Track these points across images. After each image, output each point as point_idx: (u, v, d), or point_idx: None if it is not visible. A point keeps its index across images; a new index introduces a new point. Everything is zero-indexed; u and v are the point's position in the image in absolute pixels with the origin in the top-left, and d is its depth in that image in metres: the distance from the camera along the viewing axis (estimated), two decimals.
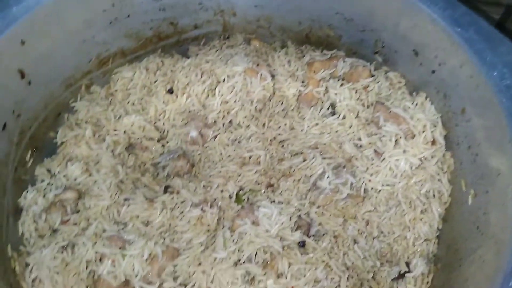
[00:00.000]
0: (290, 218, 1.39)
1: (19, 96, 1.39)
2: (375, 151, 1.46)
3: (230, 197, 1.48)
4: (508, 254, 1.01)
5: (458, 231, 1.31)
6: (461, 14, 1.29)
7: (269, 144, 1.59)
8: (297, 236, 1.37)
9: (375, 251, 1.41)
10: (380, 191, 1.45)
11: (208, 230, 1.41)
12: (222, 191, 1.49)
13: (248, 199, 1.49)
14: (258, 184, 1.52)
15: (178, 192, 1.47)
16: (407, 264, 1.38)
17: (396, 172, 1.43)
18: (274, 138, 1.59)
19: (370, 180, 1.44)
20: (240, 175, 1.53)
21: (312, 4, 1.61)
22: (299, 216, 1.42)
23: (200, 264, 1.34)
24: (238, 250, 1.35)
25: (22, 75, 1.37)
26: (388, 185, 1.44)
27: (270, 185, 1.51)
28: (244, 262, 1.34)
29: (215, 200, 1.46)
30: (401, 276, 1.38)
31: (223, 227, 1.42)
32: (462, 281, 1.17)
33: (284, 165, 1.53)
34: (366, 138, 1.49)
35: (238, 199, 1.48)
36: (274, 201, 1.45)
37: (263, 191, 1.50)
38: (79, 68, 1.59)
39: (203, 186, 1.49)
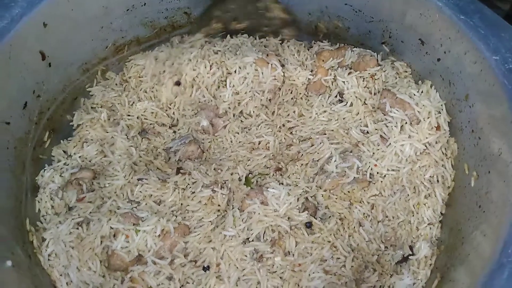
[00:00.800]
0: (298, 199, 1.43)
1: (39, 77, 1.44)
2: (381, 136, 1.50)
3: (240, 179, 1.53)
4: (508, 224, 1.05)
5: (461, 212, 1.34)
6: (466, 3, 1.34)
7: (278, 131, 1.64)
8: (304, 216, 1.41)
9: (379, 234, 1.44)
10: (385, 176, 1.48)
11: (219, 210, 1.45)
12: (232, 174, 1.53)
13: (257, 182, 1.54)
14: (267, 167, 1.57)
15: (189, 174, 1.52)
16: (411, 247, 1.42)
17: (401, 157, 1.47)
18: (283, 125, 1.64)
19: (376, 165, 1.48)
20: (249, 160, 1.58)
21: None
22: (306, 198, 1.46)
23: (210, 241, 1.39)
24: (247, 229, 1.40)
25: (43, 57, 1.43)
26: (393, 170, 1.48)
27: (278, 169, 1.55)
28: (252, 240, 1.38)
29: (225, 182, 1.51)
30: (404, 259, 1.41)
31: (232, 208, 1.46)
32: (464, 257, 1.20)
33: (292, 150, 1.58)
34: (373, 124, 1.53)
35: (248, 182, 1.53)
36: (282, 183, 1.49)
37: (271, 174, 1.55)
38: (96, 54, 1.65)
39: (214, 169, 1.54)
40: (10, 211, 1.34)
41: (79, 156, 1.57)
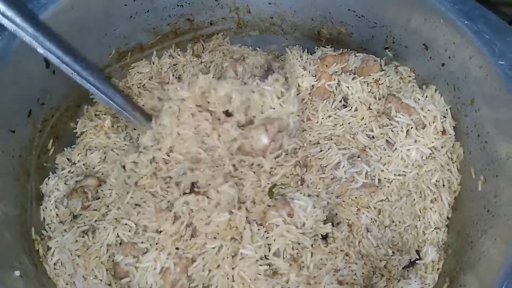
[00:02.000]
0: (323, 211, 1.39)
1: (43, 85, 1.44)
2: (387, 141, 1.50)
3: (263, 190, 1.44)
4: None
5: (468, 217, 1.34)
6: (470, 8, 1.34)
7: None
8: (328, 228, 1.37)
9: (387, 239, 1.44)
10: (392, 181, 1.48)
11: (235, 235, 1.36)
12: (253, 188, 1.45)
13: (278, 192, 1.46)
14: (292, 174, 1.50)
15: (204, 193, 1.38)
16: (418, 252, 1.42)
17: (408, 161, 1.47)
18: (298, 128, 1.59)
19: (383, 170, 1.47)
20: (276, 168, 1.49)
21: (326, 1, 1.65)
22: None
23: (218, 266, 1.30)
24: (265, 246, 1.33)
25: (47, 64, 1.42)
26: (399, 175, 1.48)
27: (302, 180, 1.50)
28: (269, 257, 1.33)
29: (246, 196, 1.41)
30: (411, 264, 1.41)
31: (249, 224, 1.37)
32: (474, 261, 1.20)
33: (301, 155, 1.54)
34: (378, 129, 1.53)
35: (270, 193, 1.45)
36: (304, 194, 1.43)
37: (292, 183, 1.49)
38: (99, 61, 1.65)
39: (235, 183, 1.43)
40: (16, 219, 1.33)
41: (83, 164, 1.56)
